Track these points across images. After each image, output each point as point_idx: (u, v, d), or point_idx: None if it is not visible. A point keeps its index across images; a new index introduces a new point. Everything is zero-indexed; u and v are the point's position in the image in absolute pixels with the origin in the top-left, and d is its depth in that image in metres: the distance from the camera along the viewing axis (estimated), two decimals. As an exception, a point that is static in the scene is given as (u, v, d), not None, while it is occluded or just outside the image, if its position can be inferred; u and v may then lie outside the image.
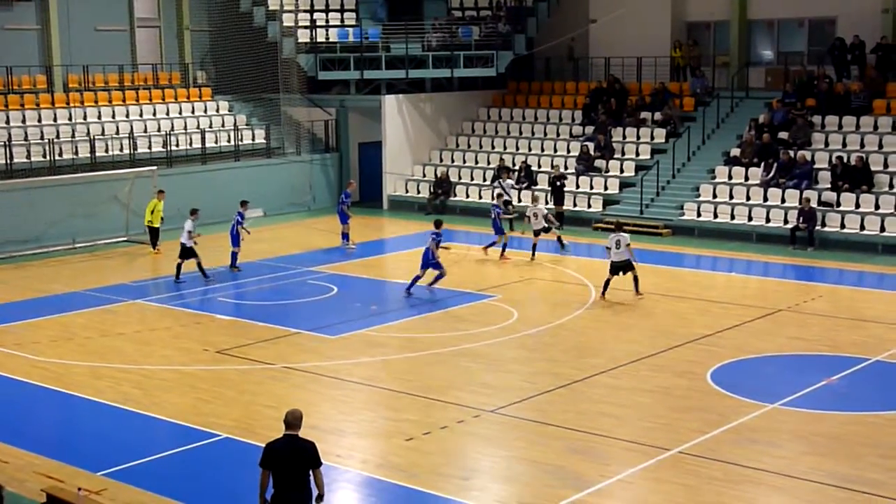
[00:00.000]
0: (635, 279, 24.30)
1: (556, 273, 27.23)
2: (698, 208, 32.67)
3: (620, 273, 24.16)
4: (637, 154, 36.52)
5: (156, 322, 22.99)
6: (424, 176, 39.26)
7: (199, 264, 26.59)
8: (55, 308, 24.19)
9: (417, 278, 24.92)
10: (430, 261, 24.90)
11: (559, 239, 30.04)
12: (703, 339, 20.82)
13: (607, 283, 24.23)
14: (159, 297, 25.17)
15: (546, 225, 29.29)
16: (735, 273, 27.93)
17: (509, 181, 34.46)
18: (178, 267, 26.62)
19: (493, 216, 29.51)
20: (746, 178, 33.19)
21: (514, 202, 33.76)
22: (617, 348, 20.36)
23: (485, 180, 37.77)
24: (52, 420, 17.35)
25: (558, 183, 34.17)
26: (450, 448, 15.40)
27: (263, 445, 11.30)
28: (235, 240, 28.04)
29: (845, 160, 31.56)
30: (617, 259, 24.17)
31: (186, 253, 26.62)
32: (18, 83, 35.05)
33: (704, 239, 31.73)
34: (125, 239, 31.79)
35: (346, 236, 31.09)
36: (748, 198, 32.48)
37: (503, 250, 29.09)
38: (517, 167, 37.12)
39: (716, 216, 32.31)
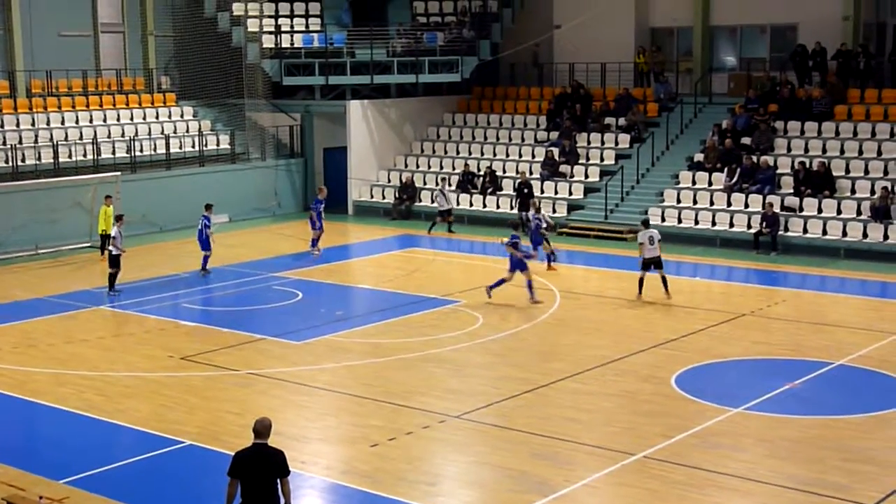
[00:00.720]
0: (664, 279, 24.48)
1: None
2: (662, 213, 32.80)
3: (651, 268, 24.40)
4: (601, 159, 36.63)
5: (119, 328, 22.80)
6: (390, 181, 39.20)
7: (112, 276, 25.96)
8: (17, 315, 23.92)
9: (503, 281, 24.64)
10: (516, 262, 24.64)
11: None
12: (667, 344, 20.89)
13: (642, 280, 24.41)
14: (123, 304, 24.94)
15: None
16: (699, 278, 28.06)
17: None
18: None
19: (532, 227, 28.67)
20: (710, 184, 33.37)
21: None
22: (582, 353, 20.38)
23: (450, 185, 37.71)
24: (13, 427, 17.13)
25: (525, 189, 34.16)
26: (415, 454, 15.35)
27: (228, 452, 11.23)
28: (205, 244, 27.89)
29: (807, 165, 31.81)
30: (650, 255, 24.54)
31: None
32: (-20, 88, 34.70)
33: (668, 244, 31.58)
34: (88, 245, 31.49)
35: (314, 242, 31.01)
36: (712, 203, 32.65)
37: (550, 260, 28.22)
38: (482, 173, 37.14)
39: (680, 221, 32.46)
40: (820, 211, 30.80)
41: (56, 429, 16.76)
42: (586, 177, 35.92)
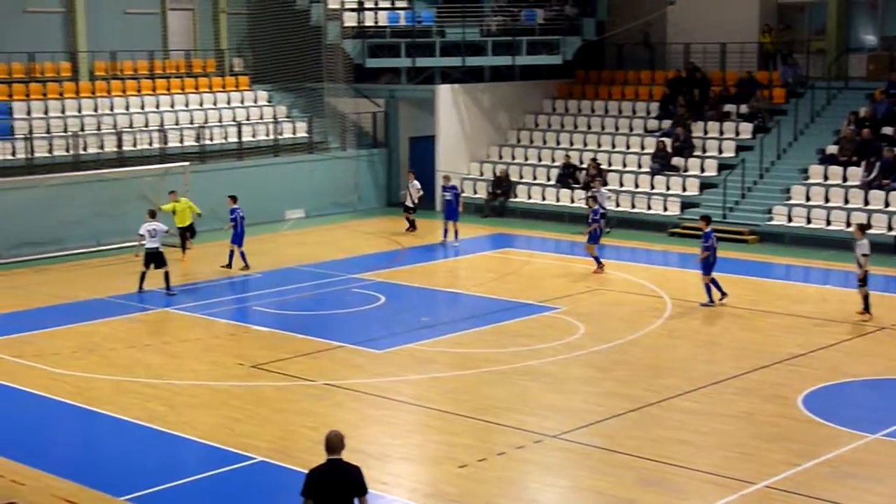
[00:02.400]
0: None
1: (626, 283, 27.05)
2: (789, 212, 32.31)
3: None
4: (720, 151, 36.21)
5: (186, 333, 23.17)
6: (482, 174, 39.23)
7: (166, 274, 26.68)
8: (77, 316, 24.47)
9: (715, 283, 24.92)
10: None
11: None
12: (793, 360, 20.56)
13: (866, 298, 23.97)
14: (190, 306, 25.36)
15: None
16: (830, 286, 27.56)
17: (604, 190, 32.75)
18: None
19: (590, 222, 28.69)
20: (844, 179, 32.80)
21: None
22: (695, 368, 20.17)
23: (549, 179, 37.66)
24: (72, 438, 17.53)
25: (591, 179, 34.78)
26: (508, 476, 15.32)
27: (301, 470, 11.30)
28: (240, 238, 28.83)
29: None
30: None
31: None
32: (41, 71, 35.54)
33: (795, 247, 31.37)
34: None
35: (455, 233, 32.44)
36: (846, 201, 32.09)
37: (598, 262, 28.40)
38: (585, 165, 36.97)
39: (809, 221, 31.95)
40: (971, 211, 30.12)
41: (117, 441, 17.08)
42: (702, 171, 35.55)
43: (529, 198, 37.40)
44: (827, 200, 32.43)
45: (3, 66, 34.63)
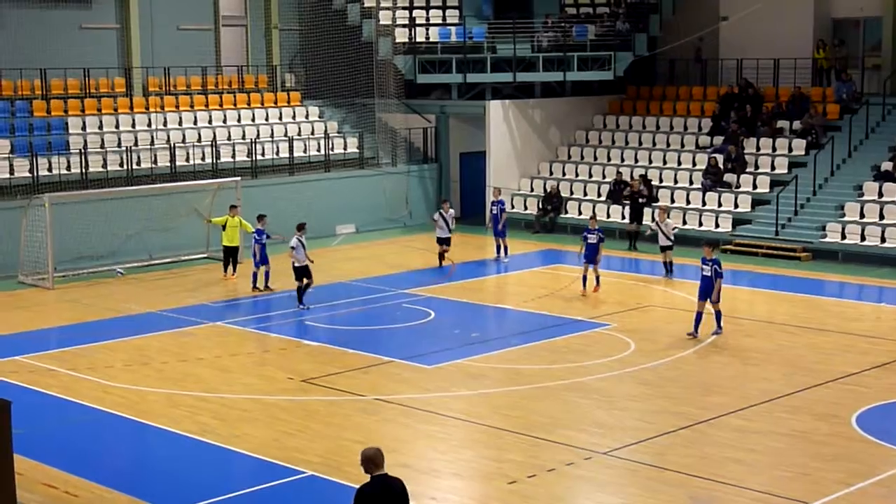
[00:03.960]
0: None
1: (677, 300, 26.93)
2: (843, 229, 32.05)
3: None
4: (772, 168, 35.99)
5: (237, 347, 23.34)
6: (532, 190, 39.24)
7: (300, 289, 26.68)
8: (130, 330, 24.73)
9: None
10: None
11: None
12: (846, 378, 20.36)
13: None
14: (242, 320, 25.54)
15: (668, 242, 29.73)
16: (885, 304, 27.26)
17: (669, 221, 30.73)
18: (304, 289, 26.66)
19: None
20: (899, 196, 32.52)
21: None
22: (747, 386, 20.03)
23: (599, 195, 37.61)
24: (124, 451, 17.71)
25: (636, 196, 34.37)
26: (558, 493, 15.29)
27: (352, 485, 11.36)
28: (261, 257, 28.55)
29: None
30: None
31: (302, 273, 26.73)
32: (96, 86, 36.02)
33: (849, 264, 31.09)
34: (205, 256, 32.37)
35: (503, 249, 32.66)
36: (901, 218, 31.81)
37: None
38: (635, 180, 36.85)
39: (863, 238, 31.65)
40: None
41: (169, 453, 17.23)
42: (755, 187, 35.34)
43: (580, 214, 37.34)
44: (881, 217, 32.12)
45: (58, 82, 35.12)
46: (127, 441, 18.03)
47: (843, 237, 31.94)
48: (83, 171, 32.70)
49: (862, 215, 32.46)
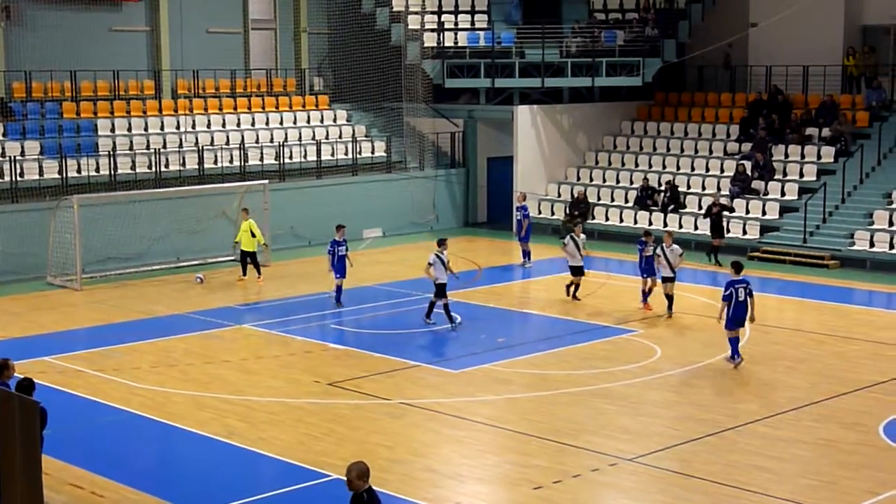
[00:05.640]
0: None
1: (703, 307, 26.85)
2: (871, 237, 31.88)
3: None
4: (801, 175, 35.84)
5: (263, 350, 23.42)
6: (560, 196, 39.20)
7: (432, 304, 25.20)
8: (157, 331, 24.87)
9: None
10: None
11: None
12: (874, 387, 20.27)
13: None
14: (267, 323, 25.63)
15: (670, 273, 25.84)
16: (913, 312, 27.16)
17: (676, 247, 26.33)
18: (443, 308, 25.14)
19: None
20: (928, 205, 32.33)
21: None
22: (774, 393, 19.97)
23: (627, 201, 37.56)
24: (150, 452, 17.82)
25: (715, 211, 32.95)
26: (583, 499, 15.29)
27: (377, 488, 11.34)
28: (338, 269, 27.12)
29: None
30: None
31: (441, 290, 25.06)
32: (125, 88, 36.24)
33: (878, 272, 30.93)
34: (233, 259, 32.49)
35: (527, 255, 32.38)
36: (930, 227, 31.62)
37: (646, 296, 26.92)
38: (662, 188, 36.80)
39: (892, 247, 31.49)
40: None
41: (195, 455, 17.34)
42: (783, 194, 35.19)
43: (607, 219, 37.29)
44: (911, 226, 31.99)
45: (88, 84, 35.37)
46: (153, 442, 18.14)
47: (872, 245, 31.77)
48: (112, 172, 32.88)
49: (891, 223, 32.28)
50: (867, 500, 14.97)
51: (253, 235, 29.86)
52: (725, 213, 33.43)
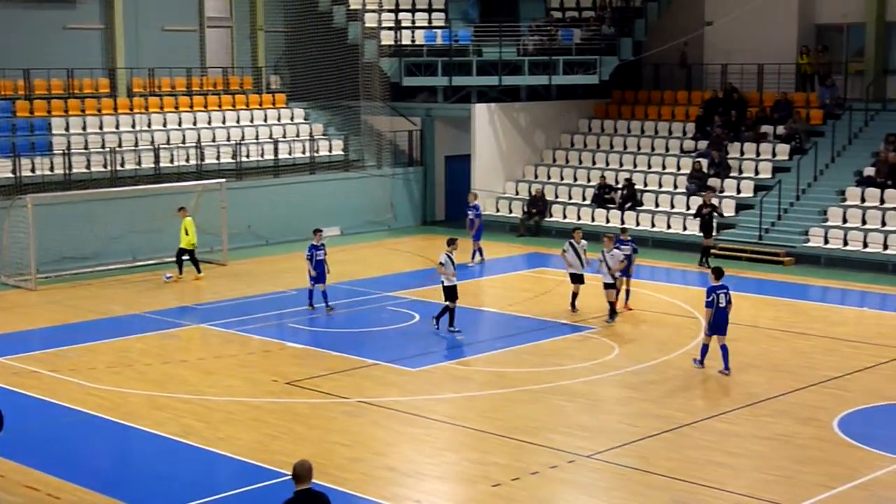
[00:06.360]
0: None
1: (661, 304, 27.02)
2: (826, 234, 32.17)
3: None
4: (756, 172, 36.12)
5: (221, 349, 23.32)
6: (517, 194, 39.29)
7: (449, 310, 24.32)
8: (113, 331, 24.70)
9: None
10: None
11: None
12: (829, 382, 20.46)
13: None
14: (225, 322, 25.51)
15: (611, 279, 25.13)
16: (867, 308, 27.40)
17: (616, 252, 25.51)
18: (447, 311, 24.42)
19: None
20: (882, 201, 32.63)
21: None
22: (731, 389, 20.12)
23: (584, 199, 37.71)
24: (107, 453, 17.69)
25: (706, 211, 32.09)
26: (541, 496, 15.34)
27: (336, 488, 11.36)
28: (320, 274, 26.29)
29: None
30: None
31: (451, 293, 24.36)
32: (80, 87, 35.95)
33: (832, 269, 31.22)
34: (187, 259, 32.27)
35: (477, 253, 32.31)
36: (884, 223, 31.91)
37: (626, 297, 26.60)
38: (620, 186, 36.97)
39: (846, 243, 31.79)
40: None
41: (152, 456, 17.22)
42: (739, 192, 35.46)
43: (565, 217, 37.42)
44: (864, 222, 32.26)
45: (42, 83, 35.07)
46: (110, 443, 18.01)
47: (826, 242, 32.06)
48: (66, 171, 32.62)
49: (845, 220, 32.60)
50: (822, 494, 15.11)
51: (186, 233, 29.90)
52: (716, 213, 32.48)
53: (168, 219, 31.25)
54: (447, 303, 24.31)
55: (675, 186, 36.66)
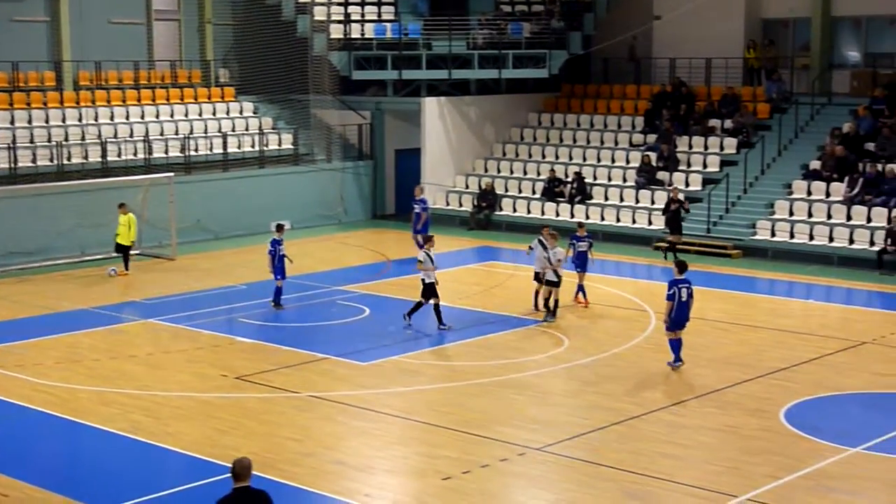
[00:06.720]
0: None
1: (610, 297, 27.17)
2: (773, 227, 32.49)
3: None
4: (704, 166, 36.40)
5: (170, 344, 23.18)
6: (467, 187, 39.33)
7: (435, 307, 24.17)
8: (61, 327, 24.45)
9: None
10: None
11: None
12: (776, 374, 20.67)
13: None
14: (174, 317, 25.36)
15: (554, 277, 24.78)
16: (813, 300, 27.72)
17: (559, 250, 25.26)
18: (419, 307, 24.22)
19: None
20: (828, 195, 32.99)
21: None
22: (680, 382, 20.27)
23: (534, 193, 37.84)
24: (55, 449, 17.51)
25: (674, 207, 31.89)
26: (491, 489, 15.38)
27: (287, 482, 11.32)
28: (278, 270, 26.04)
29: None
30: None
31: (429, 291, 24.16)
32: (25, 80, 35.55)
33: (779, 261, 31.53)
34: (138, 252, 32.05)
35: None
36: (829, 216, 32.27)
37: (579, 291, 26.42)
38: (570, 179, 37.11)
39: (792, 236, 32.11)
40: (954, 227, 30.31)
41: (101, 452, 17.09)
42: (687, 185, 35.71)
43: (514, 211, 37.53)
44: (810, 215, 32.61)
45: (-13, 76, 34.71)
46: (58, 440, 17.84)
47: (773, 235, 32.38)
48: (12, 166, 32.27)
49: (791, 213, 32.92)
50: (769, 484, 15.27)
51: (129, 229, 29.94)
52: (683, 209, 32.07)
53: (116, 213, 30.97)
54: (421, 299, 24.16)
55: (625, 180, 36.87)
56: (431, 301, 24.14)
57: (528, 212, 37.12)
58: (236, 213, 35.43)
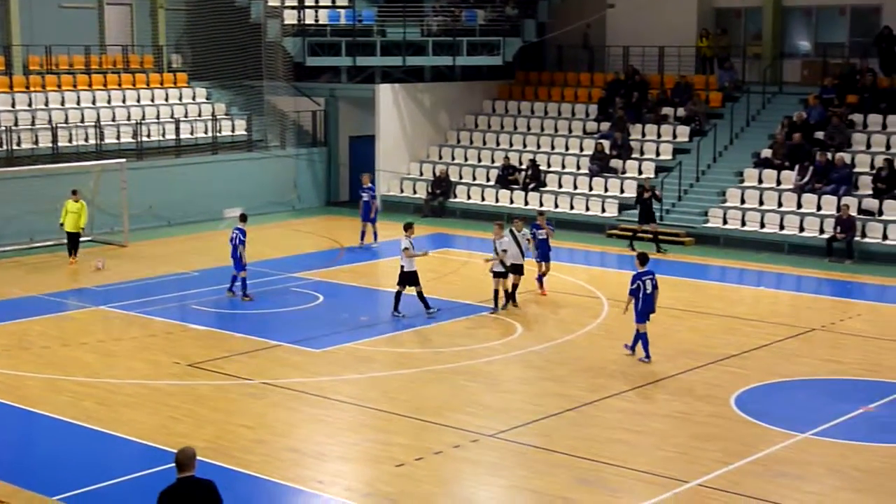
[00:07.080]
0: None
1: (564, 284, 27.26)
2: (724, 215, 32.71)
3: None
4: (657, 154, 36.59)
5: (121, 331, 23.02)
6: (422, 174, 39.31)
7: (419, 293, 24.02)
8: (10, 314, 24.22)
9: None
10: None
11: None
12: (727, 360, 20.84)
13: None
14: (126, 304, 25.18)
15: (500, 268, 24.45)
16: (764, 287, 27.97)
17: (525, 231, 25.44)
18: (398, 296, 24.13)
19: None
20: (778, 183, 33.26)
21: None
22: (632, 368, 20.38)
23: (488, 180, 37.88)
24: (4, 438, 17.33)
25: (645, 196, 31.69)
26: (444, 475, 15.41)
27: (239, 470, 11.29)
28: (238, 263, 25.58)
29: (890, 163, 31.59)
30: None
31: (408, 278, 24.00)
32: (-26, 64, 35.16)
33: (731, 249, 31.76)
34: (89, 239, 31.78)
35: (374, 235, 31.93)
36: (780, 204, 32.53)
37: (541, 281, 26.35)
38: (524, 167, 37.18)
39: (744, 224, 32.35)
40: (902, 215, 30.67)
41: (51, 440, 16.93)
42: (640, 173, 35.86)
43: (469, 198, 37.55)
44: (761, 203, 32.87)
45: (-65, 60, 34.23)
46: (6, 428, 17.66)
47: (725, 222, 32.61)
48: (-39, 151, 31.90)
49: (742, 201, 33.17)
50: (719, 470, 15.41)
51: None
52: (656, 199, 31.78)
53: (66, 199, 30.67)
54: (399, 287, 24.01)
55: (578, 167, 36.99)
56: (414, 289, 23.90)
57: (483, 199, 37.15)
58: (189, 200, 35.21)
